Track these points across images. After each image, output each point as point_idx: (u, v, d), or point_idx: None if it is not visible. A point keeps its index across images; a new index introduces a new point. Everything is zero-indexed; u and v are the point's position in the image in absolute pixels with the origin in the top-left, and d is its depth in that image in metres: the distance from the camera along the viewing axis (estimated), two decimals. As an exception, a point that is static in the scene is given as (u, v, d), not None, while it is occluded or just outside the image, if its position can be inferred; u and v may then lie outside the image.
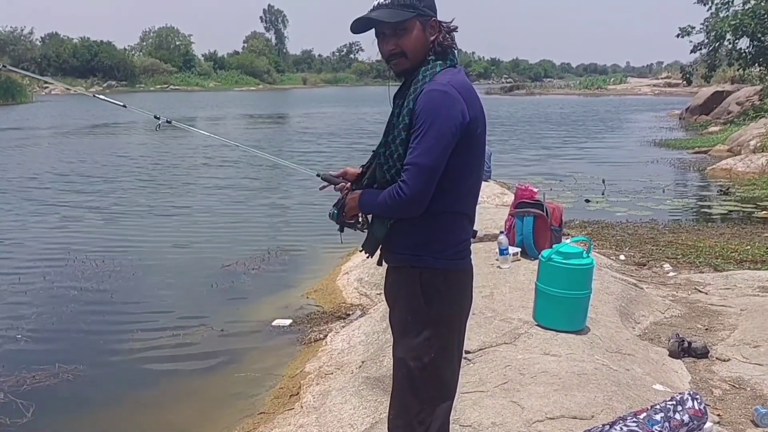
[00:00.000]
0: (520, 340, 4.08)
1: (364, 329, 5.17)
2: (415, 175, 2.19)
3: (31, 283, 7.04)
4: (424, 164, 2.18)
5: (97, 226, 9.80)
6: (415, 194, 2.20)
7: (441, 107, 2.19)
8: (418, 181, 2.19)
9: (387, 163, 2.31)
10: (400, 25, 2.28)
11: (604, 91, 73.62)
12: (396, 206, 2.25)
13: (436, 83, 2.23)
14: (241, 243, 8.74)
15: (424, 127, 2.18)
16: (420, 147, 2.19)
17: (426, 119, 2.18)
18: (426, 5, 2.31)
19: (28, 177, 14.48)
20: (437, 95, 2.20)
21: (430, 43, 2.31)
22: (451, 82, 2.24)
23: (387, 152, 2.32)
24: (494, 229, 6.53)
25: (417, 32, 2.30)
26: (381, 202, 2.30)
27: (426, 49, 2.32)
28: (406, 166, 2.22)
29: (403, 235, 2.33)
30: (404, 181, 2.21)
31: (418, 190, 2.20)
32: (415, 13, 2.28)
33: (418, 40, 2.30)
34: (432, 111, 2.19)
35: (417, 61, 2.33)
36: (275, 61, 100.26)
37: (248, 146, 3.42)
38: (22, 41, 73.03)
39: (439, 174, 2.21)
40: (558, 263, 4.14)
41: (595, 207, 10.87)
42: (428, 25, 2.31)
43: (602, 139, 23.66)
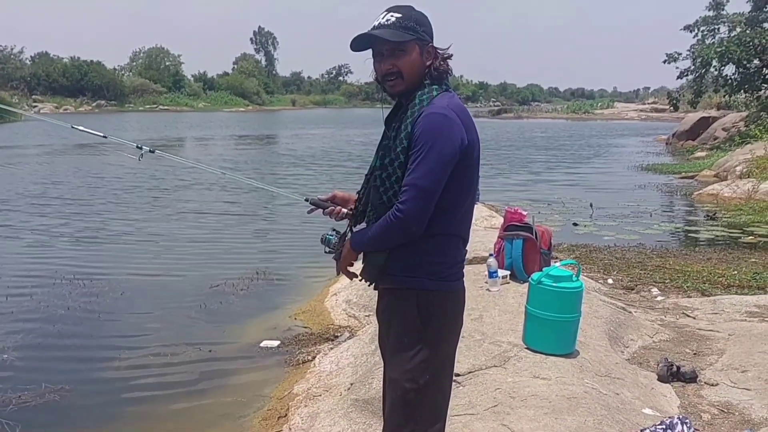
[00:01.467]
0: (509, 363, 4.08)
1: (353, 351, 5.16)
2: (414, 196, 2.22)
3: (19, 302, 6.98)
4: (423, 186, 2.21)
5: (85, 247, 9.74)
6: (414, 215, 2.22)
7: (441, 130, 2.22)
8: (417, 202, 2.22)
9: (384, 185, 2.33)
10: (400, 45, 2.32)
11: (591, 115, 74.36)
12: (394, 229, 2.26)
13: (435, 107, 2.27)
14: (230, 264, 8.71)
15: (424, 149, 2.21)
16: (420, 169, 2.22)
17: (426, 142, 2.21)
18: (425, 30, 2.36)
19: (15, 196, 14.40)
20: (437, 118, 2.24)
21: (426, 68, 2.36)
22: (450, 105, 2.28)
23: (384, 174, 2.33)
24: (483, 252, 6.54)
25: (415, 55, 2.34)
26: (377, 232, 2.32)
27: (421, 73, 2.36)
28: (405, 187, 2.24)
29: (399, 257, 2.34)
30: (403, 202, 2.23)
31: (417, 210, 2.22)
32: (415, 36, 2.33)
33: (415, 63, 2.35)
34: (432, 134, 2.22)
35: (412, 83, 2.36)
36: (265, 83, 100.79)
37: (233, 172, 3.42)
38: (12, 60, 72.87)
39: (437, 196, 2.24)
40: (548, 286, 4.15)
41: (583, 231, 10.92)
42: (426, 50, 2.36)
43: (590, 163, 23.84)
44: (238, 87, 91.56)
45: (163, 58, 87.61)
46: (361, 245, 2.42)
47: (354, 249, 2.44)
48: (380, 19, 2.36)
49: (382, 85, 2.43)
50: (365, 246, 2.41)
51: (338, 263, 2.52)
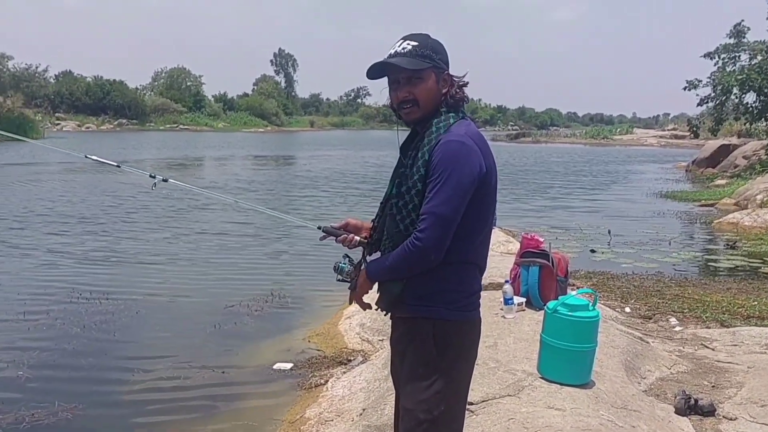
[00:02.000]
0: (524, 393, 4.03)
1: (366, 376, 5.12)
2: (433, 224, 2.20)
3: (35, 319, 7.01)
4: (442, 214, 2.20)
5: (101, 266, 9.78)
6: (432, 243, 2.21)
7: (459, 158, 2.22)
8: (436, 230, 2.20)
9: (401, 214, 2.31)
10: (417, 73, 2.33)
11: (610, 141, 74.04)
12: (413, 257, 2.25)
13: (453, 134, 2.27)
14: (244, 285, 8.71)
15: (443, 177, 2.20)
16: (438, 197, 2.20)
17: (445, 169, 2.20)
18: (441, 59, 2.36)
19: (35, 213, 14.55)
20: (456, 146, 2.23)
21: (441, 95, 2.36)
22: (468, 133, 2.28)
23: (400, 203, 2.32)
24: (499, 278, 6.50)
25: (431, 83, 2.35)
26: (395, 261, 2.30)
27: (437, 101, 2.36)
28: (423, 215, 2.23)
29: (415, 286, 2.32)
30: (421, 230, 2.22)
31: (436, 238, 2.20)
32: (432, 64, 2.34)
33: (431, 90, 2.35)
34: (451, 161, 2.21)
35: (428, 111, 2.36)
36: (284, 104, 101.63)
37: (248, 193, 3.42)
38: (37, 78, 74.09)
39: (456, 224, 2.22)
40: (563, 315, 4.11)
41: (601, 257, 10.83)
42: (442, 78, 2.36)
43: (608, 189, 23.71)
44: (258, 108, 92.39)
45: (184, 78, 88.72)
46: (377, 274, 2.39)
47: (370, 278, 2.42)
48: (396, 47, 2.36)
49: (397, 113, 2.43)
50: (382, 275, 2.38)
51: (352, 292, 2.49)
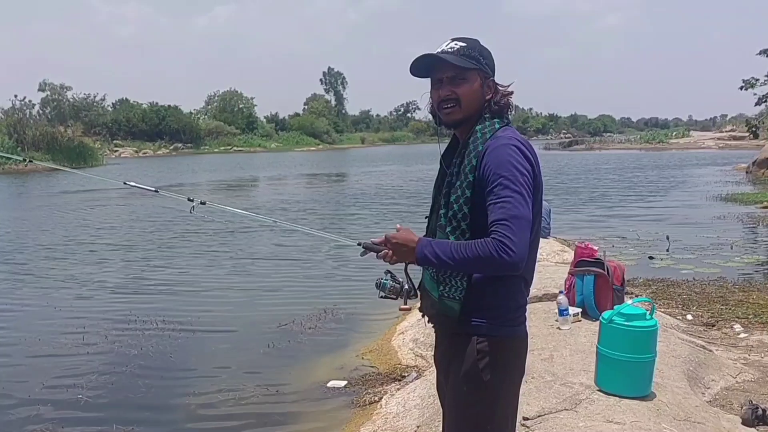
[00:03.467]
0: (581, 406, 3.92)
1: (420, 392, 5.06)
2: (517, 228, 2.06)
3: (94, 343, 7.17)
4: (522, 215, 2.08)
5: (156, 290, 9.96)
6: (521, 250, 2.06)
7: (517, 161, 2.14)
8: (521, 235, 2.07)
9: (450, 225, 2.23)
10: (462, 73, 2.28)
11: (666, 145, 72.47)
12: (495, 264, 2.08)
13: (504, 138, 2.20)
14: (297, 303, 8.75)
15: (506, 179, 2.10)
16: (511, 200, 2.08)
17: (505, 172, 2.12)
18: (487, 63, 2.32)
19: (95, 237, 14.98)
20: (510, 149, 2.16)
21: (485, 101, 2.30)
22: (517, 137, 2.21)
23: (449, 213, 2.24)
24: (553, 289, 6.38)
25: (476, 85, 2.30)
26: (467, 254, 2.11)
27: (480, 105, 2.30)
28: (501, 221, 2.07)
29: (464, 301, 2.25)
30: (507, 237, 2.05)
31: (523, 243, 2.07)
32: (478, 66, 2.29)
33: (474, 92, 2.29)
34: (509, 164, 2.13)
35: (469, 113, 2.30)
36: (334, 122, 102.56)
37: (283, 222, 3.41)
38: (95, 107, 76.52)
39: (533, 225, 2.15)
40: (620, 325, 3.99)
41: (660, 264, 10.54)
42: (487, 83, 2.31)
43: (665, 194, 23.15)
44: (309, 127, 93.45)
45: (236, 101, 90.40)
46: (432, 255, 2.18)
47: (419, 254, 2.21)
48: (443, 46, 2.32)
49: (436, 115, 2.37)
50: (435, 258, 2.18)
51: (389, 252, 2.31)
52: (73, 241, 14.53)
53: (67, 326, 7.86)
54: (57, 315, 8.41)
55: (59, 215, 19.11)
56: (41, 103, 73.82)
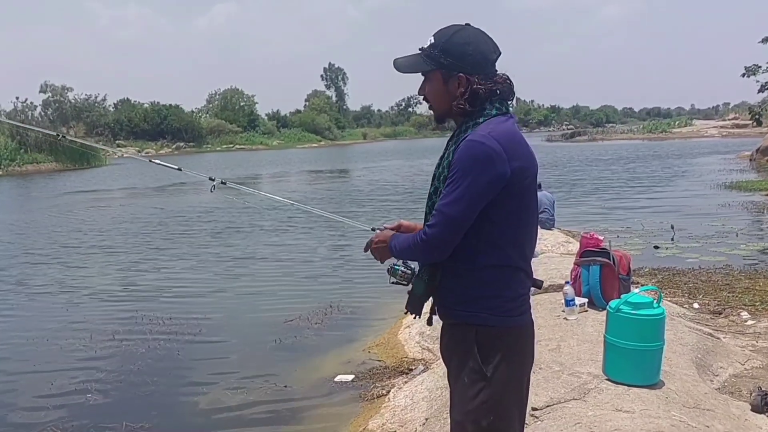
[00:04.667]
0: (590, 396, 3.91)
1: (427, 385, 5.06)
2: (440, 223, 2.19)
3: (101, 341, 7.19)
4: (448, 213, 2.17)
5: (163, 285, 10.00)
6: (435, 240, 2.21)
7: (476, 158, 2.14)
8: (440, 229, 2.19)
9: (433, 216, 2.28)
10: (425, 73, 2.34)
11: (668, 134, 72.23)
12: (417, 249, 2.28)
13: (475, 134, 2.19)
14: (303, 298, 8.77)
15: (456, 177, 2.16)
16: (449, 196, 2.17)
17: (460, 169, 2.16)
18: (453, 59, 2.27)
19: (99, 236, 15.00)
20: (474, 146, 2.16)
21: (453, 97, 2.29)
22: (492, 132, 2.18)
23: (431, 203, 2.31)
24: (559, 279, 6.37)
25: (436, 84, 2.32)
26: (404, 244, 2.34)
27: (448, 102, 2.31)
28: (434, 211, 2.22)
29: (455, 291, 2.27)
30: (430, 226, 2.22)
31: (439, 237, 2.20)
32: (435, 66, 2.30)
33: (437, 91, 2.33)
34: (465, 162, 2.16)
35: (441, 110, 2.35)
36: (336, 118, 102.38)
37: (300, 204, 3.47)
38: (96, 107, 76.51)
39: (467, 226, 2.18)
40: (627, 314, 3.97)
41: (665, 254, 10.52)
42: (452, 80, 2.28)
43: (669, 183, 23.09)
44: (310, 123, 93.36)
45: (237, 98, 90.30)
46: (393, 247, 2.39)
47: (390, 246, 2.41)
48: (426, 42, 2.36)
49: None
50: (394, 250, 2.39)
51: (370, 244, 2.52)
52: (79, 242, 14.55)
53: (75, 326, 7.89)
54: (64, 315, 8.43)
55: (64, 216, 19.13)
56: (43, 104, 73.81)
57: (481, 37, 2.30)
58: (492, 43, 2.32)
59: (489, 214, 2.17)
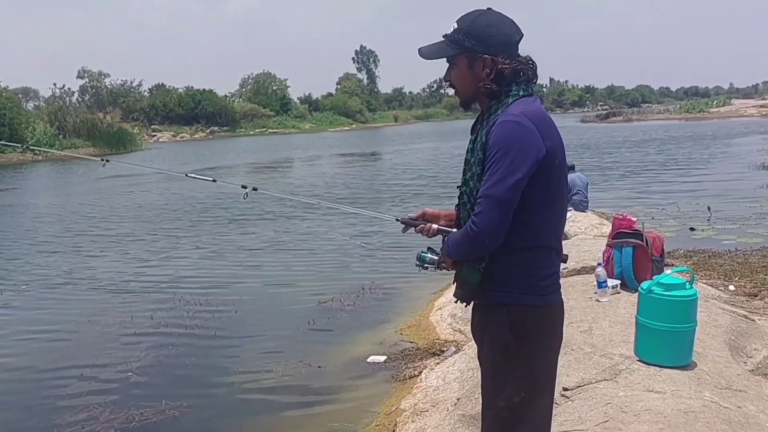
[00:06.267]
0: (621, 377, 3.92)
1: (459, 366, 5.11)
2: (487, 207, 2.16)
3: (140, 322, 7.36)
4: (495, 195, 2.15)
5: (198, 266, 10.20)
6: (487, 226, 2.16)
7: (513, 138, 2.16)
8: (490, 214, 2.15)
9: (469, 202, 2.29)
10: (450, 59, 2.36)
11: (706, 114, 70.73)
12: (471, 241, 2.22)
13: (508, 114, 2.21)
14: (336, 280, 8.87)
15: (497, 158, 2.16)
16: (492, 178, 2.16)
17: (498, 150, 2.16)
18: (477, 42, 2.29)
19: (135, 220, 15.28)
20: (509, 125, 2.17)
21: (480, 79, 2.30)
22: (524, 112, 2.20)
23: (467, 190, 2.31)
24: (592, 261, 6.35)
25: (462, 69, 2.34)
26: (457, 241, 2.29)
27: (474, 85, 2.33)
28: (479, 198, 2.19)
29: (490, 273, 2.29)
30: (476, 214, 2.18)
31: (491, 222, 2.16)
32: (459, 50, 2.32)
33: (463, 77, 2.35)
34: (504, 142, 2.16)
35: (467, 94, 2.37)
36: (367, 101, 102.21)
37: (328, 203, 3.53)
38: (132, 93, 77.41)
39: (514, 206, 2.16)
40: (659, 295, 3.97)
41: (701, 235, 10.40)
42: (476, 62, 2.30)
43: (706, 164, 22.70)
44: (342, 106, 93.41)
45: (270, 83, 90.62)
46: (450, 251, 2.37)
47: (448, 254, 2.39)
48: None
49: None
50: (451, 253, 2.36)
51: None
52: (117, 223, 14.86)
53: (114, 306, 8.09)
54: (104, 296, 8.65)
55: (104, 200, 19.55)
56: (80, 90, 75.06)
57: (504, 19, 2.33)
58: (515, 26, 2.34)
59: (523, 195, 2.17)
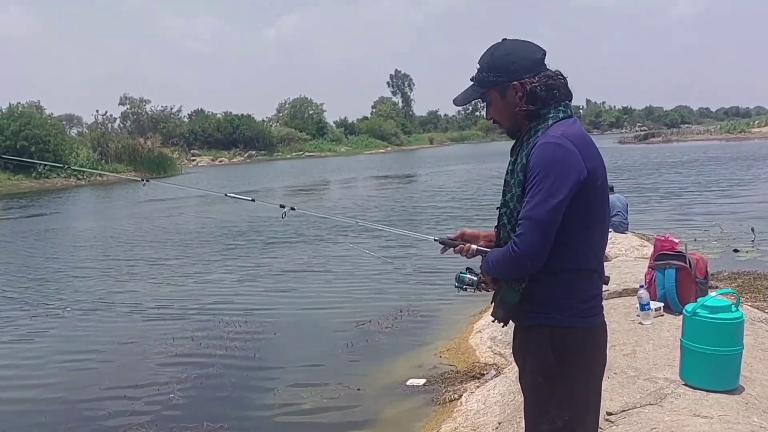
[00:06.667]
0: (666, 401, 3.85)
1: (500, 389, 5.07)
2: (529, 229, 2.16)
3: (181, 344, 7.45)
4: (537, 217, 2.14)
5: (236, 289, 10.30)
6: (528, 249, 2.16)
7: (554, 160, 2.16)
8: (532, 236, 2.15)
9: (510, 223, 2.30)
10: (483, 98, 2.40)
11: (748, 134, 69.35)
12: (512, 263, 2.22)
13: (548, 136, 2.21)
14: (374, 302, 8.88)
15: (538, 179, 2.16)
16: (534, 200, 2.16)
17: (540, 172, 2.16)
18: (500, 74, 2.33)
19: (173, 244, 15.49)
20: (550, 147, 2.18)
21: (516, 105, 2.32)
22: (565, 134, 2.21)
23: (507, 211, 2.31)
24: (633, 283, 6.26)
25: (497, 101, 2.37)
26: (498, 260, 2.29)
27: (512, 113, 2.34)
28: (520, 220, 2.19)
29: (531, 294, 2.28)
30: (518, 236, 2.18)
31: (532, 244, 2.15)
32: (487, 87, 2.36)
33: (499, 108, 2.38)
34: (545, 164, 2.16)
35: (509, 123, 2.38)
36: (402, 124, 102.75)
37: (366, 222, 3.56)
38: (172, 118, 78.94)
39: (555, 228, 2.16)
40: (704, 318, 3.90)
41: (745, 257, 10.19)
42: (508, 91, 2.32)
43: (749, 184, 22.27)
44: (377, 129, 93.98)
45: (306, 107, 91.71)
46: (489, 268, 2.37)
47: (487, 271, 2.40)
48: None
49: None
50: (491, 270, 2.36)
51: None
52: (156, 247, 15.09)
53: (155, 329, 8.21)
54: (145, 318, 8.78)
55: (143, 223, 19.89)
56: (122, 116, 76.98)
57: (520, 44, 2.36)
58: (533, 45, 2.36)
59: (564, 216, 2.17)
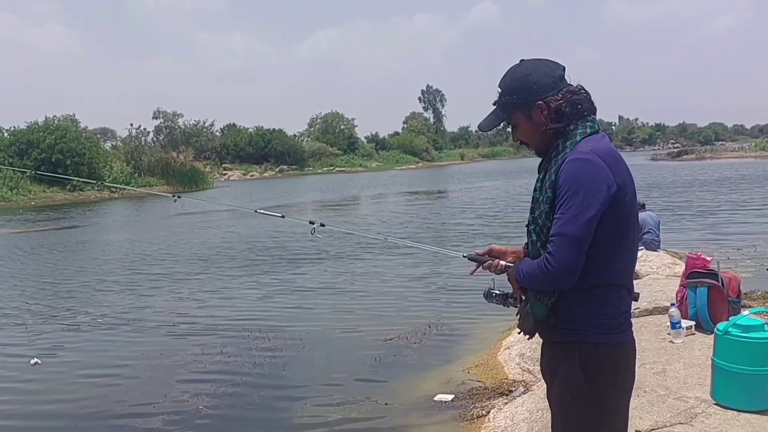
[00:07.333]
0: (696, 420, 3.81)
1: (528, 406, 5.04)
2: (561, 246, 2.15)
3: (210, 356, 7.53)
4: (569, 233, 2.15)
5: (265, 303, 10.37)
6: (561, 266, 2.16)
7: (584, 176, 2.16)
8: (564, 253, 2.15)
9: (540, 239, 2.30)
10: (509, 122, 2.42)
11: (784, 152, 68.17)
12: (544, 279, 2.22)
13: (578, 152, 2.22)
14: (401, 317, 8.88)
15: (568, 195, 2.16)
16: (564, 217, 2.16)
17: (570, 188, 2.16)
18: (523, 95, 2.34)
19: (203, 259, 15.64)
20: (580, 164, 2.18)
21: (542, 124, 2.33)
22: (594, 150, 2.22)
23: (536, 228, 2.32)
24: (665, 302, 6.21)
25: (523, 123, 2.38)
26: (530, 273, 2.28)
27: (538, 132, 2.36)
28: (552, 237, 2.19)
29: (560, 310, 2.28)
30: (550, 253, 2.18)
31: (565, 261, 2.15)
32: (512, 110, 2.38)
33: (525, 129, 2.40)
34: (575, 180, 2.16)
35: (539, 143, 2.39)
36: (433, 139, 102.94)
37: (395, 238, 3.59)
38: (205, 133, 80.00)
39: (587, 244, 2.16)
40: (736, 337, 3.86)
41: (780, 276, 10.00)
42: (534, 111, 2.34)
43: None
44: (408, 145, 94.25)
45: (338, 122, 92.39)
46: (520, 278, 2.36)
47: (516, 278, 2.39)
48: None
49: None
50: (521, 280, 2.35)
51: None
52: (185, 262, 15.27)
53: (184, 343, 8.28)
54: (172, 332, 8.87)
55: (173, 237, 20.14)
56: (155, 130, 78.16)
57: (539, 63, 2.37)
58: (552, 63, 2.38)
59: (595, 232, 2.17)
